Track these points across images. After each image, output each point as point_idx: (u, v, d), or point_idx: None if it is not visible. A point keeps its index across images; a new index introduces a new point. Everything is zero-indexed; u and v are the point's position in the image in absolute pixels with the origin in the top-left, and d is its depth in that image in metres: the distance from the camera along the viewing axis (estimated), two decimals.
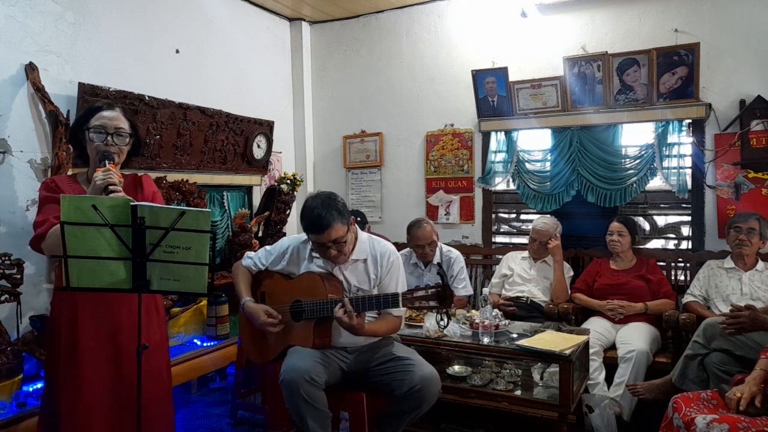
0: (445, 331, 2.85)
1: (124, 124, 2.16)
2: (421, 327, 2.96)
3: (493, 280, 3.98)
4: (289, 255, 2.55)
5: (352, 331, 2.27)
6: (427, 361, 2.42)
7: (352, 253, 2.45)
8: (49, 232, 1.99)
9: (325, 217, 2.26)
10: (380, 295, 2.30)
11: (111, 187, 1.98)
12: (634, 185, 3.84)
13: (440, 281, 2.15)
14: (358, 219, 4.28)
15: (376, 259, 2.48)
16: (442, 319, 2.49)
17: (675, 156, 3.76)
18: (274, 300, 2.52)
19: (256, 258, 2.64)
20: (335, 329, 2.41)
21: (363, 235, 2.52)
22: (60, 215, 1.77)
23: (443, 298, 2.13)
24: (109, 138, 2.10)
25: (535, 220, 3.91)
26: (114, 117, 2.14)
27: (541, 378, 2.84)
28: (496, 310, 3.01)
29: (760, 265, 3.26)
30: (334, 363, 2.40)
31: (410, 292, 2.21)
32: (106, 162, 2.05)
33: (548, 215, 3.92)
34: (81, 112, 2.31)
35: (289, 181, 4.37)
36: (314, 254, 2.48)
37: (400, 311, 2.48)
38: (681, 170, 3.75)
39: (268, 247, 2.68)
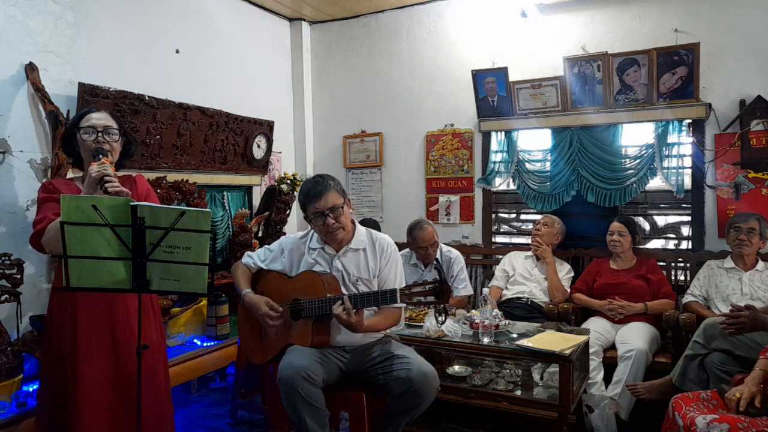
0: (445, 331, 2.85)
1: (113, 123, 2.21)
2: (421, 327, 2.96)
3: (497, 273, 3.98)
4: (288, 252, 2.58)
5: (351, 328, 2.27)
6: (427, 361, 2.42)
7: (351, 243, 2.49)
8: (48, 227, 2.00)
9: (321, 183, 2.42)
10: (378, 292, 2.32)
11: (106, 178, 1.99)
12: (634, 185, 3.84)
13: (437, 277, 2.16)
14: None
15: (375, 250, 2.52)
16: (440, 315, 2.50)
17: (675, 156, 3.76)
18: (273, 299, 2.52)
19: (255, 256, 2.68)
20: (334, 328, 2.42)
21: (361, 228, 2.57)
22: (58, 212, 1.77)
23: (441, 293, 2.14)
24: (99, 135, 2.14)
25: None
26: (102, 117, 2.19)
27: (541, 378, 2.84)
28: (496, 310, 3.01)
29: (760, 265, 3.26)
30: (333, 362, 2.41)
31: (408, 288, 2.22)
32: (100, 156, 2.09)
33: (557, 219, 3.91)
34: (71, 119, 2.35)
35: (289, 181, 4.37)
36: (311, 246, 2.53)
37: (400, 303, 2.50)
38: (681, 170, 3.75)
39: (267, 246, 2.71)
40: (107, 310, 2.10)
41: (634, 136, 3.91)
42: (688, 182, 3.77)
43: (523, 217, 4.50)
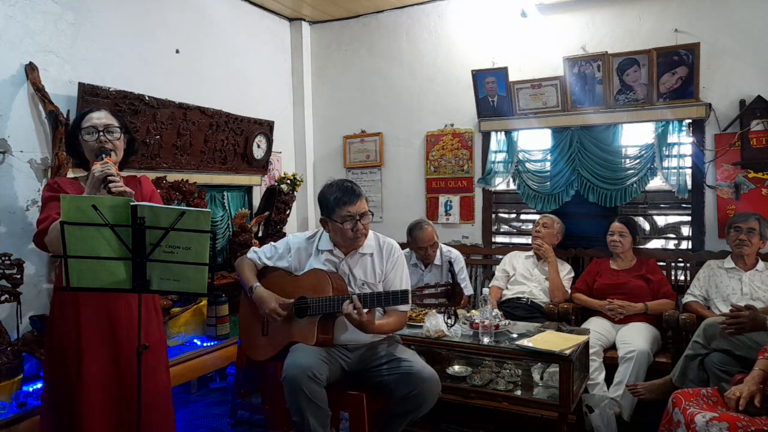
0: (445, 331, 2.85)
1: (113, 121, 2.21)
2: (421, 327, 2.96)
3: (497, 273, 3.98)
4: (294, 251, 2.57)
5: (362, 327, 2.27)
6: (427, 361, 2.42)
7: (360, 247, 2.48)
8: (51, 227, 2.01)
9: (356, 189, 2.40)
10: (389, 292, 2.32)
11: (110, 178, 1.99)
12: (634, 185, 3.84)
13: (449, 280, 2.16)
14: None
15: (382, 254, 2.52)
16: (449, 318, 2.51)
17: (675, 156, 3.76)
18: (278, 296, 2.51)
19: (260, 253, 2.65)
20: (338, 327, 2.42)
21: (369, 232, 2.56)
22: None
23: (452, 296, 2.14)
24: (101, 135, 2.15)
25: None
26: (102, 116, 2.19)
27: (541, 378, 2.84)
28: (496, 310, 3.01)
29: (760, 265, 3.27)
30: (336, 361, 2.41)
31: (419, 289, 2.22)
32: (104, 156, 2.09)
33: (556, 219, 3.91)
34: (72, 121, 2.36)
35: (289, 181, 4.37)
36: (320, 248, 2.51)
37: (407, 307, 2.50)
38: (681, 170, 3.75)
39: (273, 243, 2.69)
40: (110, 311, 2.10)
41: (634, 136, 3.91)
42: (688, 182, 3.77)
43: (523, 217, 4.50)
